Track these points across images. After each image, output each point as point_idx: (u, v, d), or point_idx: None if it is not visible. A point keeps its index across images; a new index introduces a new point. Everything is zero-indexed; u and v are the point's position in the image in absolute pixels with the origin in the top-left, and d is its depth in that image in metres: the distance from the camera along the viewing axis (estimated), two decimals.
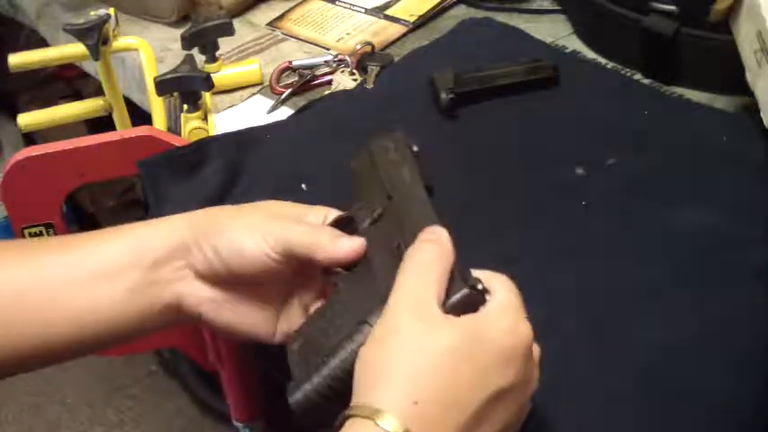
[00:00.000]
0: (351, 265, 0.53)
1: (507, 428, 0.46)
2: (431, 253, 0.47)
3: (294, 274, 0.56)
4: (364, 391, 0.44)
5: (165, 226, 0.55)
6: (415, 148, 0.58)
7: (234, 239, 0.53)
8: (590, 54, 0.92)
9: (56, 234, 0.90)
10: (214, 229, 0.53)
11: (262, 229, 0.53)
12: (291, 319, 0.57)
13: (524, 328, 0.46)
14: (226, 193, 0.73)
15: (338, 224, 0.56)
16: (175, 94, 0.90)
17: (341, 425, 0.43)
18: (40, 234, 0.90)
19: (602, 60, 0.91)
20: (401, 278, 0.47)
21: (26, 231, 0.90)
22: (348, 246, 0.53)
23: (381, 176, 0.56)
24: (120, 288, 0.53)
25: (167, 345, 1.28)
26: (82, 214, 1.87)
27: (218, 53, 0.94)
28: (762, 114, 0.72)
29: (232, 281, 0.54)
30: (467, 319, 0.45)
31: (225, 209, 0.57)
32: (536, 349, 0.48)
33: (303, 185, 0.73)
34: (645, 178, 0.72)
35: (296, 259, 0.53)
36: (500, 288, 0.47)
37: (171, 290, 0.54)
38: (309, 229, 0.54)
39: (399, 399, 0.43)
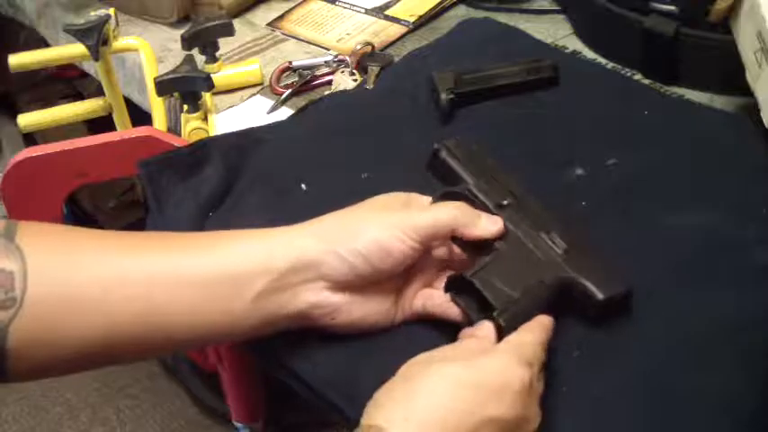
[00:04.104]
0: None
1: None
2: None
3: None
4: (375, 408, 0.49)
5: (287, 238, 0.56)
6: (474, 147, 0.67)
7: (378, 240, 0.55)
8: (590, 54, 0.92)
9: None
10: (350, 235, 0.55)
11: (398, 225, 0.55)
12: (411, 296, 0.59)
13: (522, 371, 0.50)
14: (226, 194, 0.73)
15: (450, 196, 0.62)
16: (175, 94, 0.90)
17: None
18: None
19: (602, 60, 0.91)
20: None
21: None
22: (500, 224, 0.58)
23: (484, 167, 0.64)
24: (247, 295, 0.54)
25: None
26: (82, 214, 1.87)
27: (218, 53, 0.94)
28: (762, 114, 0.72)
29: (367, 281, 0.56)
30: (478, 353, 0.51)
31: (344, 215, 0.58)
32: (538, 388, 0.52)
33: (303, 186, 0.73)
34: (645, 178, 0.72)
35: (432, 243, 0.57)
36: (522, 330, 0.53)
37: (301, 299, 0.55)
38: (450, 211, 0.57)
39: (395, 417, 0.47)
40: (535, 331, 0.53)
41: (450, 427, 0.47)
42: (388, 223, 0.55)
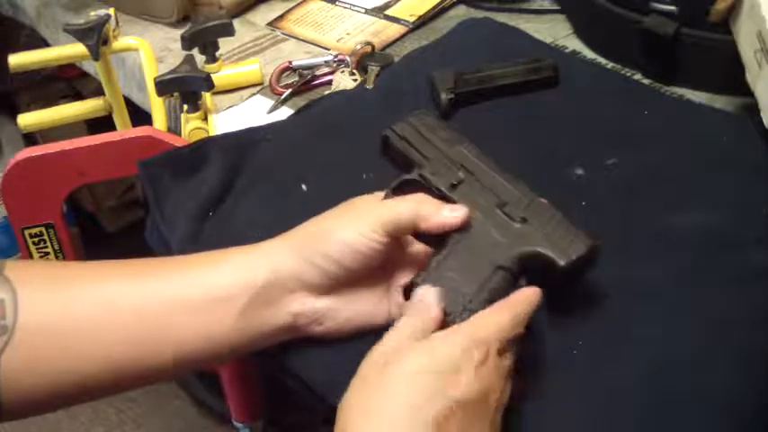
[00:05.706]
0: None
1: None
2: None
3: (391, 252, 0.58)
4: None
5: (264, 252, 0.57)
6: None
7: (345, 240, 0.55)
8: (590, 54, 0.92)
9: (56, 234, 0.90)
10: (319, 241, 0.55)
11: (362, 221, 0.55)
12: (397, 298, 0.59)
13: (473, 349, 0.49)
14: (226, 194, 0.73)
15: (405, 185, 0.61)
16: (175, 94, 0.90)
17: None
18: (41, 234, 0.90)
19: (602, 60, 0.91)
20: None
21: (26, 232, 0.90)
22: (461, 213, 0.57)
23: (434, 144, 0.65)
24: (232, 313, 0.54)
25: None
26: (82, 214, 1.87)
27: (218, 53, 0.94)
28: (762, 114, 0.72)
29: (346, 282, 0.56)
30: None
31: (315, 222, 0.58)
32: (501, 361, 0.50)
33: (303, 186, 0.73)
34: (645, 178, 0.72)
35: (399, 236, 0.57)
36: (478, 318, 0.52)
37: (285, 311, 0.56)
38: (410, 204, 0.57)
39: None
40: (493, 312, 0.53)
41: (419, 421, 0.46)
42: (354, 222, 0.55)
